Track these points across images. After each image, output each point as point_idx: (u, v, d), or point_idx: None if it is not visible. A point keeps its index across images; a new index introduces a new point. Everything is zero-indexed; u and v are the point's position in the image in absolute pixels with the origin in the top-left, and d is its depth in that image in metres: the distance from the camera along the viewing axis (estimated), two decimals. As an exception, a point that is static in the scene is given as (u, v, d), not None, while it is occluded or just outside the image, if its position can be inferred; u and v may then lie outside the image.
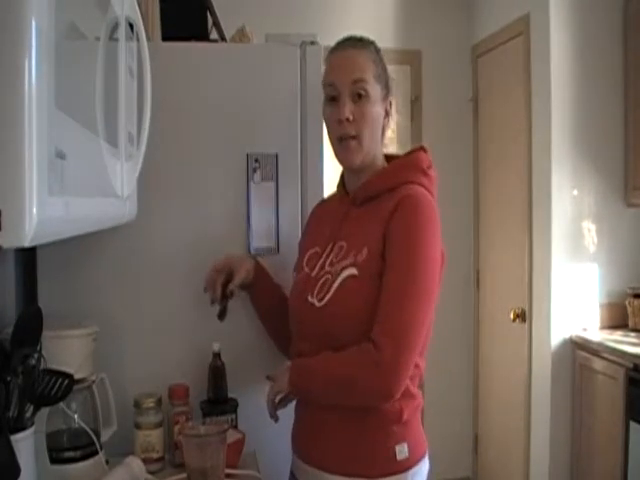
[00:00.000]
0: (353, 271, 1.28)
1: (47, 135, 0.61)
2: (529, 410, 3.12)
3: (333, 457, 1.32)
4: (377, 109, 1.35)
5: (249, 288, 1.55)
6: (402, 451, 1.30)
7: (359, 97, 1.32)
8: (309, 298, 1.34)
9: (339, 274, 1.30)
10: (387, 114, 1.39)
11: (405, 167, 1.38)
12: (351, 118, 1.31)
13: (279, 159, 1.63)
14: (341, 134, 1.33)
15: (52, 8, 0.63)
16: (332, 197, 1.53)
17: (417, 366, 1.31)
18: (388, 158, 1.44)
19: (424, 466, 1.36)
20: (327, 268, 1.34)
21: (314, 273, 1.37)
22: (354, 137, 1.32)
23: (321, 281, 1.33)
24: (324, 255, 1.38)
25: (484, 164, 3.65)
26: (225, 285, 1.50)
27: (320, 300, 1.31)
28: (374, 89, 1.33)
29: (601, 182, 2.96)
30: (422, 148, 1.44)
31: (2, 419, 1.00)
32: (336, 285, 1.29)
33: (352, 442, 1.31)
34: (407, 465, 1.31)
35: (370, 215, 1.33)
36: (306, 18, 3.33)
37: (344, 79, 1.32)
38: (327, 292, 1.30)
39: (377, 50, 1.39)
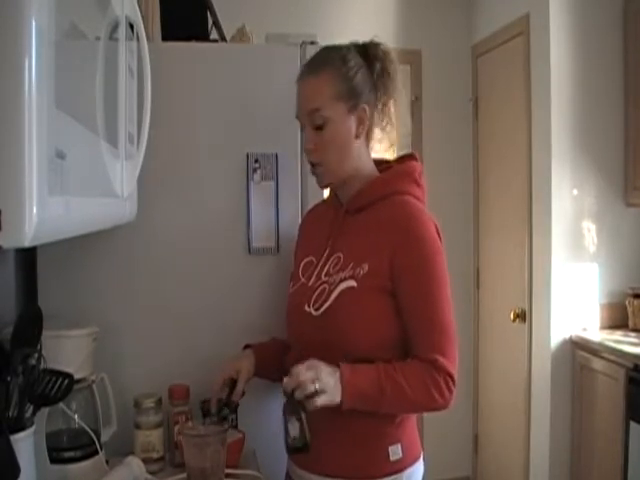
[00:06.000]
0: (352, 283, 1.29)
1: (47, 135, 0.61)
2: (529, 410, 3.12)
3: (327, 460, 1.33)
4: (341, 129, 1.33)
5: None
6: (396, 452, 1.31)
7: (319, 125, 1.32)
8: (306, 308, 1.34)
9: (337, 285, 1.31)
10: (361, 122, 1.34)
11: (398, 176, 1.38)
12: (313, 147, 1.34)
13: (279, 159, 1.63)
14: (309, 161, 1.38)
15: (52, 8, 0.63)
16: (323, 204, 1.53)
17: None
18: (379, 163, 1.43)
19: (419, 467, 1.37)
20: (324, 278, 1.34)
21: (310, 283, 1.37)
22: (319, 163, 1.35)
23: (317, 291, 1.34)
24: (319, 265, 1.37)
25: (484, 164, 3.65)
26: (229, 394, 1.42)
27: (317, 309, 1.32)
28: (334, 111, 1.31)
29: (601, 182, 2.96)
30: (412, 155, 1.44)
31: (2, 419, 1.00)
32: (334, 295, 1.30)
33: (346, 444, 1.32)
34: (401, 466, 1.32)
35: (366, 226, 1.34)
36: (306, 18, 3.33)
37: (302, 111, 1.34)
38: (325, 301, 1.31)
39: (343, 59, 1.34)
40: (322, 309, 1.31)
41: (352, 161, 1.36)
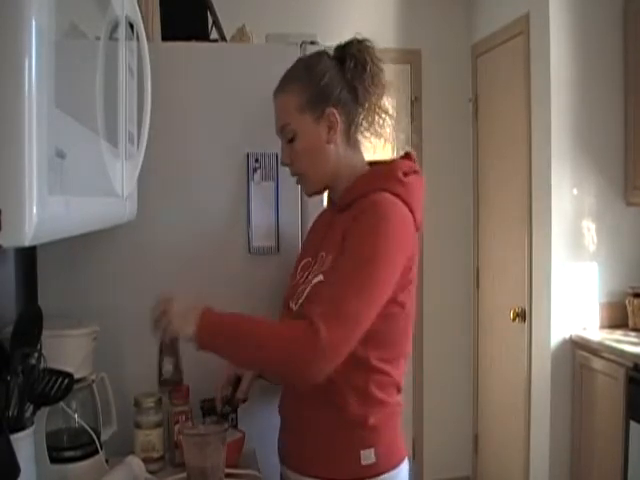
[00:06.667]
0: (320, 277, 1.31)
1: (47, 134, 0.61)
2: (529, 410, 3.12)
3: (302, 458, 1.36)
4: (310, 139, 1.35)
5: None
6: (368, 456, 1.30)
7: (290, 138, 1.37)
8: (290, 303, 1.38)
9: (311, 281, 1.33)
10: (332, 127, 1.35)
11: (379, 175, 1.37)
12: (289, 161, 1.40)
13: (279, 159, 1.63)
14: (291, 173, 1.42)
15: (52, 8, 0.63)
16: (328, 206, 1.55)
17: (386, 373, 1.32)
18: (374, 164, 1.43)
19: (399, 473, 1.34)
20: (309, 277, 1.37)
21: (301, 281, 1.39)
22: (299, 174, 1.40)
23: (299, 288, 1.37)
24: (312, 264, 1.40)
25: (484, 164, 3.65)
26: (233, 393, 1.46)
27: (295, 305, 1.36)
28: (301, 122, 1.35)
29: (601, 181, 2.96)
30: (407, 154, 1.44)
31: (2, 419, 1.00)
32: (307, 291, 1.33)
33: (319, 445, 1.33)
34: (375, 471, 1.30)
35: (345, 222, 1.34)
36: (306, 18, 3.33)
37: (276, 129, 1.41)
38: (299, 297, 1.35)
39: (307, 68, 1.37)
40: (297, 305, 1.35)
41: (330, 166, 1.38)
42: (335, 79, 1.36)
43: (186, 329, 1.22)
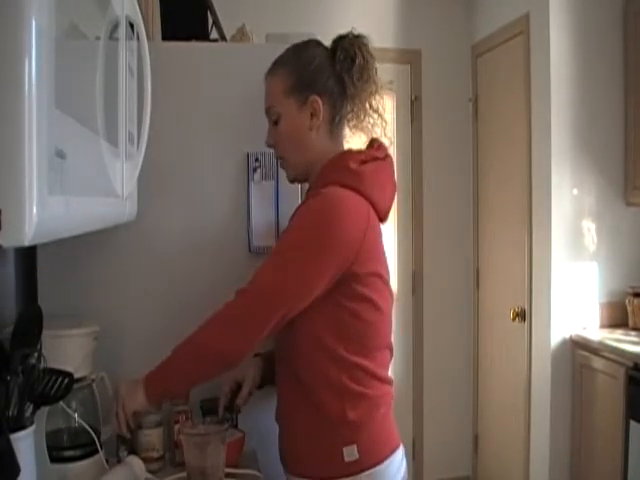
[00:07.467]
0: None
1: (47, 135, 0.61)
2: (529, 409, 3.12)
3: (293, 460, 1.39)
4: (293, 123, 1.37)
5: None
6: (351, 453, 1.29)
7: (275, 121, 1.39)
8: None
9: None
10: (315, 114, 1.36)
11: (331, 168, 1.36)
12: (272, 143, 1.42)
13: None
14: (275, 156, 1.47)
15: (52, 8, 0.63)
16: None
17: (360, 366, 1.31)
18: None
19: (388, 468, 1.33)
20: None
21: None
22: (281, 157, 1.43)
23: None
24: None
25: (484, 164, 3.65)
26: (233, 399, 1.47)
27: None
28: (286, 106, 1.37)
29: (601, 181, 2.96)
30: (372, 142, 1.43)
31: (2, 418, 1.00)
32: None
33: (305, 445, 1.35)
34: (360, 467, 1.29)
35: None
36: (306, 18, 3.33)
37: (264, 110, 1.42)
38: None
39: (296, 54, 1.38)
40: None
41: (309, 153, 1.39)
42: (323, 68, 1.37)
43: (137, 398, 1.29)
